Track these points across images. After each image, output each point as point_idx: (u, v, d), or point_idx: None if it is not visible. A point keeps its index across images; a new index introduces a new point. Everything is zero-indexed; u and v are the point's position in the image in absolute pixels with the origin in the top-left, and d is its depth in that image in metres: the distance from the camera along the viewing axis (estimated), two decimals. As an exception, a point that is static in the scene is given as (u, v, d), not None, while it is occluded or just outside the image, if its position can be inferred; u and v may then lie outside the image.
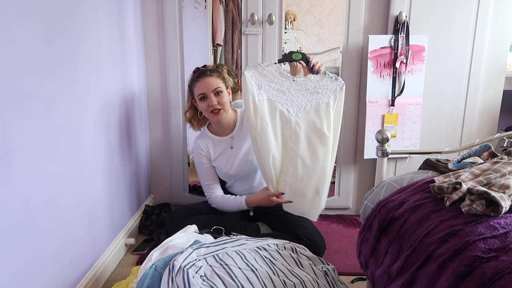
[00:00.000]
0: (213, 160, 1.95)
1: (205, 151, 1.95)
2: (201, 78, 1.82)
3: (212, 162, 1.96)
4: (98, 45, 1.67)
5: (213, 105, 1.80)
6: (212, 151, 1.95)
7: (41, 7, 1.26)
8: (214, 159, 1.95)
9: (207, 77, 1.82)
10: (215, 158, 1.94)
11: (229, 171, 1.92)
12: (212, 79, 1.81)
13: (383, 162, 1.53)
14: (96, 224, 1.69)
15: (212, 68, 1.86)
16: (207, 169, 1.96)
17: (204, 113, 1.87)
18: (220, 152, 1.94)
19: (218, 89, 1.81)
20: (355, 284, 1.74)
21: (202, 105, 1.84)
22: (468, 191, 1.07)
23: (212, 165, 1.97)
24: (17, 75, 1.14)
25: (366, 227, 1.29)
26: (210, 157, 1.95)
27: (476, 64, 2.20)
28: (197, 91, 1.84)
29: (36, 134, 1.24)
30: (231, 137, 1.94)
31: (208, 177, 1.97)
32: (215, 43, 2.82)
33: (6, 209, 1.11)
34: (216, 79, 1.82)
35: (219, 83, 1.83)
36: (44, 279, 1.31)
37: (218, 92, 1.81)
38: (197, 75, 1.85)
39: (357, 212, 2.41)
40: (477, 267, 0.85)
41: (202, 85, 1.81)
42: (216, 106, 1.81)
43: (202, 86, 1.81)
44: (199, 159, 1.96)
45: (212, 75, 1.83)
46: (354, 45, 2.21)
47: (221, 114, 1.84)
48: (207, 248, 1.39)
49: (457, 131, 2.29)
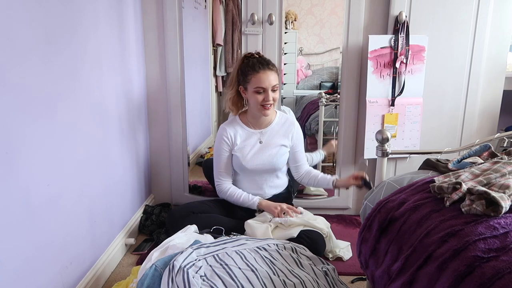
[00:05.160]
0: (237, 149, 1.91)
1: (230, 139, 1.90)
2: (262, 70, 1.75)
3: (233, 151, 1.92)
4: (98, 45, 1.67)
5: (269, 101, 1.77)
6: (239, 140, 1.91)
7: (41, 7, 1.26)
8: (238, 148, 1.91)
9: (269, 70, 1.76)
10: (240, 147, 1.91)
11: (247, 164, 1.90)
12: (273, 74, 1.77)
13: (383, 162, 1.53)
14: (96, 224, 1.69)
15: (273, 63, 1.81)
16: (226, 157, 1.93)
17: (254, 104, 1.82)
18: (247, 143, 1.91)
19: (276, 86, 1.78)
20: (355, 284, 1.74)
21: (255, 97, 1.78)
22: (468, 191, 1.07)
23: (230, 154, 1.93)
24: (17, 75, 1.14)
25: (366, 227, 1.29)
26: (233, 145, 1.91)
27: (476, 64, 2.20)
28: (256, 82, 1.76)
29: (36, 134, 1.24)
30: (262, 132, 1.91)
31: (224, 165, 1.94)
32: (215, 43, 2.82)
33: (6, 209, 1.11)
34: (275, 74, 1.78)
35: (277, 79, 1.79)
36: (44, 279, 1.31)
37: (275, 88, 1.79)
38: (258, 65, 1.77)
39: (357, 212, 2.41)
40: (477, 267, 0.85)
41: (264, 79, 1.75)
42: (271, 102, 1.78)
43: (264, 80, 1.75)
44: (221, 145, 1.92)
45: (273, 70, 1.78)
46: (354, 45, 2.21)
47: (270, 110, 1.82)
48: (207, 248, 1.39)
49: (457, 131, 2.29)
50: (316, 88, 3.56)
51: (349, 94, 2.27)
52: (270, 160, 1.91)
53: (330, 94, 3.11)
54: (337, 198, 2.43)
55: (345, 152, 2.35)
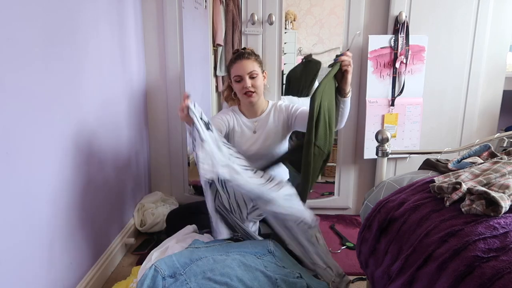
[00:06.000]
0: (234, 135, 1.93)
1: (226, 121, 1.92)
2: (238, 60, 1.83)
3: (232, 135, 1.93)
4: (98, 45, 1.67)
5: (247, 87, 1.81)
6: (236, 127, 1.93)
7: (41, 7, 1.26)
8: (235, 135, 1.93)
9: (245, 59, 1.83)
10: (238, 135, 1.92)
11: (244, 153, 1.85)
12: (249, 62, 1.83)
13: (383, 162, 1.53)
14: (96, 223, 1.69)
15: (250, 51, 1.88)
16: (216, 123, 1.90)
17: (238, 94, 1.89)
18: (242, 131, 1.93)
19: (254, 72, 1.82)
20: (355, 284, 1.74)
21: (237, 86, 1.86)
22: (468, 191, 1.07)
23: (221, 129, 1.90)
24: (17, 76, 1.14)
25: (366, 227, 1.29)
26: (227, 128, 1.92)
27: (476, 64, 2.20)
28: (233, 72, 1.85)
29: (36, 134, 1.24)
30: (256, 121, 1.93)
31: None
32: (215, 43, 2.82)
33: (6, 209, 1.11)
34: (252, 62, 1.84)
35: (255, 66, 1.84)
36: (44, 279, 1.31)
37: (253, 75, 1.83)
38: (235, 57, 1.86)
39: (357, 212, 2.41)
40: (477, 267, 0.85)
41: (238, 67, 1.82)
42: (250, 88, 1.82)
43: (238, 68, 1.83)
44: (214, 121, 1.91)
45: (250, 58, 1.84)
46: (354, 45, 2.21)
47: (253, 97, 1.85)
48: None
49: (457, 131, 2.29)
50: (315, 88, 3.56)
51: (349, 94, 2.27)
52: (264, 148, 1.91)
53: (330, 94, 3.12)
54: (337, 198, 2.43)
55: (345, 152, 2.35)
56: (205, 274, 1.29)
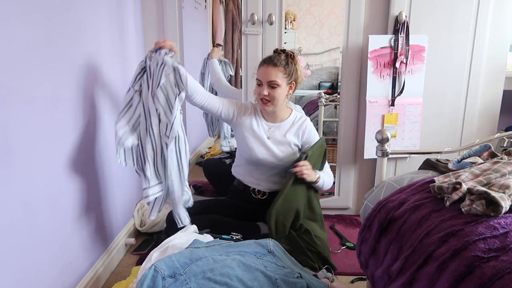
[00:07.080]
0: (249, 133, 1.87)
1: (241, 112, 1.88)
2: (265, 64, 1.78)
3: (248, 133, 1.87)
4: (98, 45, 1.67)
5: (262, 95, 1.78)
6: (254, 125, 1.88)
7: (41, 7, 1.26)
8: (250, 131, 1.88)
9: (271, 66, 1.76)
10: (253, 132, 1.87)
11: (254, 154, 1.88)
12: (273, 70, 1.76)
13: (383, 162, 1.53)
14: (96, 223, 1.69)
15: (283, 58, 1.79)
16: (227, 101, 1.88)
17: (255, 95, 1.86)
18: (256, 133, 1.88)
19: (274, 83, 1.76)
20: (355, 284, 1.74)
21: (256, 89, 1.82)
22: (468, 191, 1.07)
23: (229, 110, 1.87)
24: (17, 76, 1.14)
25: (366, 227, 1.29)
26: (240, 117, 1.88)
27: (476, 64, 2.20)
28: (257, 74, 1.82)
29: (36, 135, 1.24)
30: (271, 127, 1.89)
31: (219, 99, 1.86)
32: (215, 43, 2.82)
33: (6, 209, 1.11)
34: (278, 71, 1.76)
35: (279, 76, 1.76)
36: (44, 279, 1.31)
37: (273, 85, 1.76)
38: (264, 60, 1.81)
39: (357, 212, 2.41)
40: (477, 267, 0.85)
41: (262, 72, 1.79)
42: (265, 97, 1.78)
43: (261, 73, 1.79)
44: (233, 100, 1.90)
45: (277, 66, 1.76)
46: (354, 45, 2.21)
47: (268, 106, 1.81)
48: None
49: (457, 131, 2.29)
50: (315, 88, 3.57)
51: (349, 94, 2.27)
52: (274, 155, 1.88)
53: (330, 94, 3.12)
54: (337, 198, 2.43)
55: (345, 152, 2.35)
56: (205, 274, 1.29)
